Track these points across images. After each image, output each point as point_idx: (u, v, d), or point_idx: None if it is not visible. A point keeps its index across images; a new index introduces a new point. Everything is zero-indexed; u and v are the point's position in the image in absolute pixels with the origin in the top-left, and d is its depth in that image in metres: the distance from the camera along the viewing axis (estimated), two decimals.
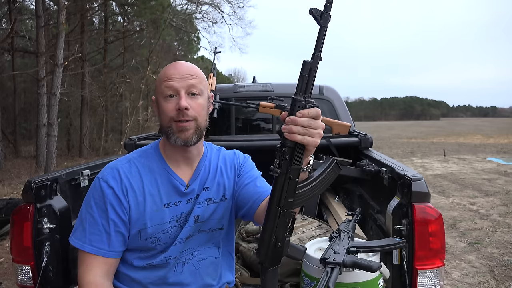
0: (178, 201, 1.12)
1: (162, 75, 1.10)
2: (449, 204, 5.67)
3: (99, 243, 1.06)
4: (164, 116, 1.08)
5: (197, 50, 21.43)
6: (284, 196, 0.91)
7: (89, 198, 1.10)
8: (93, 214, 1.07)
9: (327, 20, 0.89)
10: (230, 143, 2.33)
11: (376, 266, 1.10)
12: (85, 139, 13.46)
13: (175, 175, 1.12)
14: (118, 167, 1.11)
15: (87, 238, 1.06)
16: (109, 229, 1.06)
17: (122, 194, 1.08)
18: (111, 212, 1.07)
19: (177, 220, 1.12)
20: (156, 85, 1.11)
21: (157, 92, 1.10)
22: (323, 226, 1.84)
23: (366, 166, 1.96)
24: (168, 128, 1.08)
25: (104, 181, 1.09)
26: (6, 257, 3.76)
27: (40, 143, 8.69)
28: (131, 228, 1.09)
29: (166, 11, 13.94)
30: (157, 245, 1.10)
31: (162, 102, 1.08)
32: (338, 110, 2.96)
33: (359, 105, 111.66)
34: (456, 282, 3.13)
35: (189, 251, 1.16)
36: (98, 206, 1.07)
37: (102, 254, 1.07)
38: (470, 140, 18.05)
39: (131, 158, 1.14)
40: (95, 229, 1.07)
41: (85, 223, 1.08)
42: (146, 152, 1.16)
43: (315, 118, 0.87)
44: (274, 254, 0.97)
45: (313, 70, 0.88)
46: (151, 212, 1.08)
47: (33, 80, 11.05)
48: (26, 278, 1.40)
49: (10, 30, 8.97)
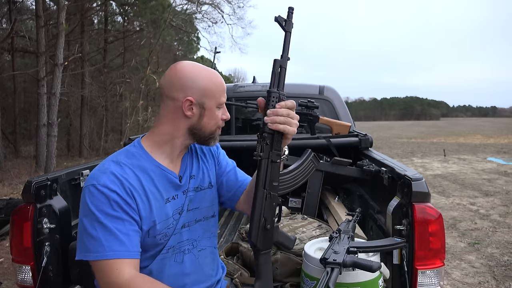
0: (175, 195, 1.13)
1: (219, 85, 1.13)
2: (449, 204, 5.67)
3: (120, 247, 0.99)
4: (213, 122, 1.14)
5: (197, 50, 21.43)
6: (269, 179, 1.05)
7: (90, 208, 1.00)
8: (102, 221, 0.99)
9: (289, 26, 1.06)
10: (230, 143, 2.33)
11: (376, 266, 1.10)
12: (85, 139, 13.46)
13: (168, 170, 1.13)
14: (111, 171, 1.04)
15: (104, 246, 0.97)
16: (126, 230, 1.00)
17: (128, 195, 1.03)
18: (122, 214, 1.01)
19: (180, 213, 1.13)
20: (210, 91, 1.11)
21: (210, 98, 1.11)
22: (323, 226, 1.84)
23: (366, 166, 1.96)
24: (213, 133, 1.15)
25: (103, 186, 1.01)
26: (6, 257, 3.76)
27: (40, 143, 8.69)
28: (142, 227, 1.06)
29: (166, 11, 13.93)
30: (165, 240, 1.10)
31: (215, 109, 1.13)
32: (338, 110, 2.96)
33: (359, 105, 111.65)
34: (456, 282, 3.13)
35: (189, 242, 1.16)
36: (105, 213, 0.99)
37: (127, 256, 0.99)
38: (470, 140, 18.05)
39: (118, 161, 1.08)
40: (109, 235, 0.98)
41: (97, 233, 0.98)
42: (131, 153, 1.11)
43: (291, 109, 1.04)
44: (264, 236, 1.07)
45: (283, 67, 1.06)
46: (156, 209, 1.08)
47: (33, 80, 11.04)
48: (26, 278, 1.40)
49: (10, 30, 8.95)
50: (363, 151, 2.22)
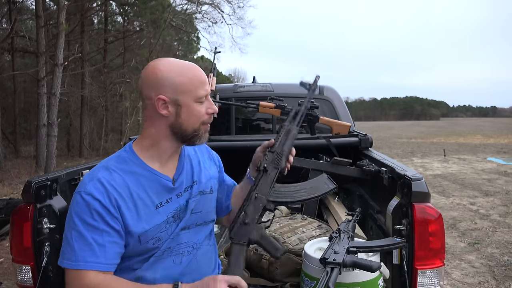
0: (168, 198, 1.12)
1: (194, 78, 1.07)
2: (449, 204, 5.67)
3: (93, 258, 0.98)
4: (195, 119, 1.08)
5: (197, 50, 21.42)
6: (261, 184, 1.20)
7: (72, 215, 1.01)
8: (79, 230, 0.99)
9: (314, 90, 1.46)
10: (230, 143, 2.33)
11: (376, 266, 1.10)
12: (85, 139, 13.46)
13: (160, 174, 1.11)
14: (99, 177, 1.03)
15: (78, 255, 0.98)
16: (102, 241, 0.99)
17: (111, 204, 1.01)
18: (101, 224, 1.00)
19: (173, 216, 1.12)
20: (183, 87, 1.05)
21: (184, 94, 1.06)
22: (323, 226, 1.84)
23: (366, 166, 1.96)
24: (196, 131, 1.10)
25: (87, 193, 1.01)
26: (6, 257, 3.76)
27: (40, 143, 8.69)
28: (129, 236, 1.05)
29: (166, 11, 13.94)
30: (159, 244, 1.09)
31: (194, 105, 1.07)
32: (338, 110, 2.96)
33: (359, 105, 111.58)
34: (456, 282, 3.13)
35: (188, 244, 1.15)
36: (84, 221, 0.99)
37: (99, 268, 0.99)
38: (470, 140, 18.05)
39: (108, 166, 1.07)
40: (84, 245, 0.98)
41: (73, 242, 0.99)
42: (122, 158, 1.10)
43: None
44: (240, 228, 1.16)
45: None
46: (145, 215, 1.06)
47: (33, 80, 11.04)
48: (26, 278, 1.40)
49: (10, 30, 8.95)
50: (363, 151, 2.22)
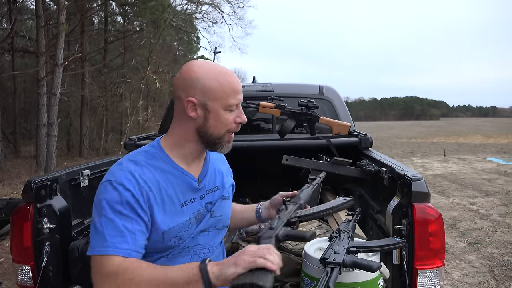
0: (193, 198, 1.12)
1: (227, 85, 1.06)
2: (449, 204, 5.67)
3: (124, 244, 0.96)
4: (222, 126, 1.08)
5: (197, 50, 21.41)
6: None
7: (101, 203, 0.99)
8: (110, 217, 0.98)
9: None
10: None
11: (376, 266, 1.10)
12: (85, 139, 13.47)
13: (187, 173, 1.11)
14: (130, 169, 1.03)
15: (108, 241, 0.95)
16: (133, 229, 0.98)
17: (142, 197, 1.01)
18: (131, 213, 0.99)
19: (196, 217, 1.12)
20: (214, 93, 1.05)
21: (214, 100, 1.05)
22: (323, 226, 1.84)
23: (366, 166, 1.96)
24: (220, 138, 1.10)
25: (119, 183, 1.00)
26: (6, 257, 3.76)
27: (40, 143, 8.69)
28: (154, 232, 1.04)
29: (166, 11, 13.94)
30: (180, 243, 1.09)
31: (222, 112, 1.07)
32: (338, 110, 2.96)
33: (359, 105, 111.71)
34: (456, 282, 3.13)
35: (205, 246, 1.16)
36: (115, 209, 0.98)
37: (129, 255, 0.96)
38: (470, 140, 18.05)
39: (138, 161, 1.07)
40: (115, 231, 0.97)
41: (103, 228, 0.97)
42: (150, 153, 1.10)
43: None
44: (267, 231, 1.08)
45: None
46: (170, 213, 1.06)
47: (33, 80, 11.05)
48: (26, 278, 1.40)
49: (10, 30, 8.96)
50: (363, 151, 2.21)
